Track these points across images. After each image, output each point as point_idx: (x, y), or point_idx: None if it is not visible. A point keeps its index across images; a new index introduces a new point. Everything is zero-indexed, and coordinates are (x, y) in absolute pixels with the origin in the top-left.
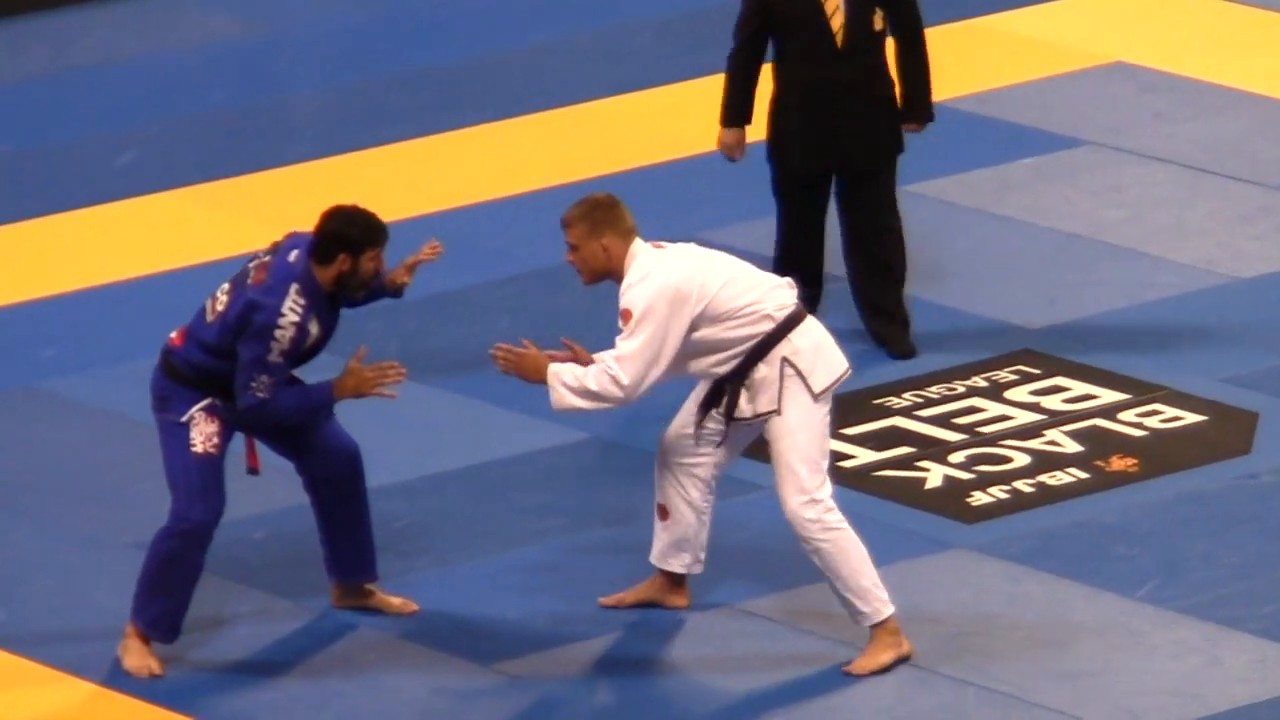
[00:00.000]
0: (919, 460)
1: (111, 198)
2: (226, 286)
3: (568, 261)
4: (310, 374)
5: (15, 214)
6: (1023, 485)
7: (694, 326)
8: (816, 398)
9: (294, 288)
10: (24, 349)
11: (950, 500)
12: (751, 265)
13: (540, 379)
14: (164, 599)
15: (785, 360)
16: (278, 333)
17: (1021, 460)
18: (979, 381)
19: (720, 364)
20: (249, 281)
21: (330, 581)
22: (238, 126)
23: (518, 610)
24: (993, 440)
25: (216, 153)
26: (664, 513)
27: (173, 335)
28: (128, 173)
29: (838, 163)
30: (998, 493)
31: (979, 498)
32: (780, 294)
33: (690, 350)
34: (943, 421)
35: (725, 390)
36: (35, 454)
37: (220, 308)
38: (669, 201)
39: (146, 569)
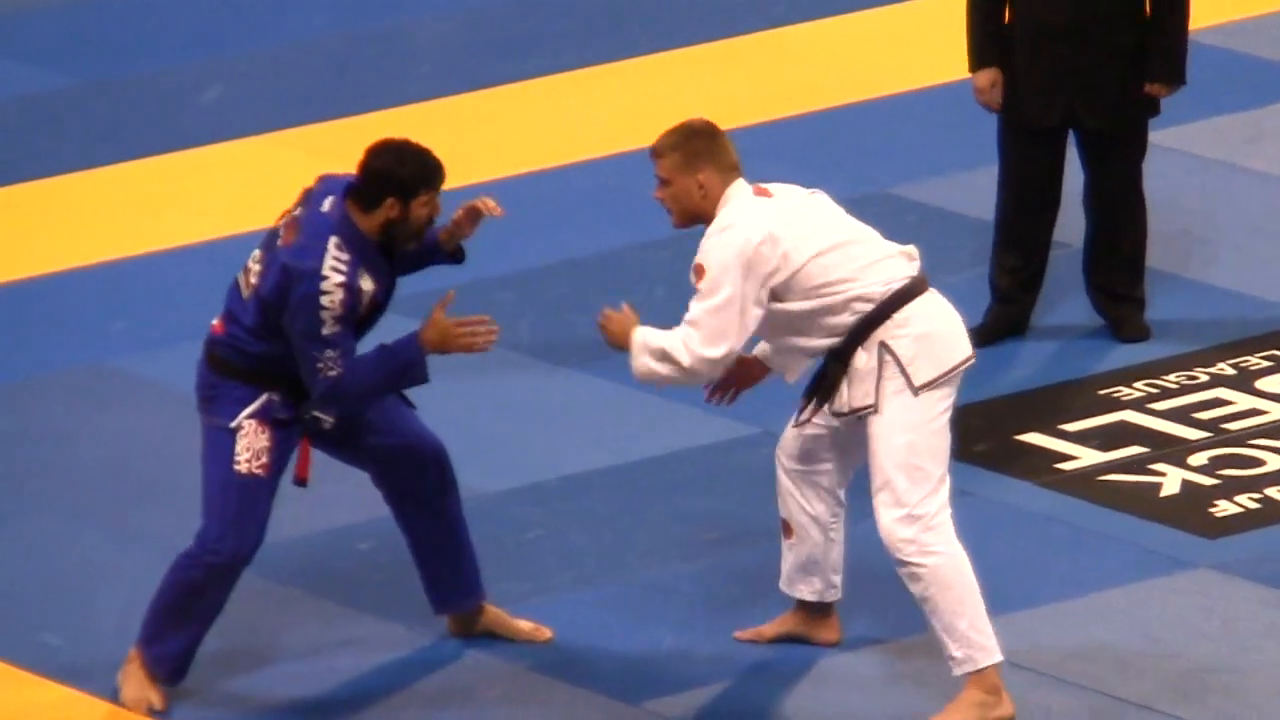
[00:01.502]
0: (1153, 462)
1: (194, 142)
2: (258, 254)
3: (655, 198)
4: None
5: (81, 161)
6: (1277, 493)
7: (776, 296)
8: (919, 391)
9: (332, 242)
10: (92, 320)
11: (1190, 510)
12: (871, 230)
13: (625, 344)
14: (177, 634)
15: (883, 345)
16: (324, 299)
17: (1275, 463)
18: (1225, 369)
19: (813, 346)
20: (279, 243)
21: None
22: (344, 57)
23: (672, 638)
24: (1241, 439)
25: (318, 89)
26: (787, 529)
27: (214, 322)
28: (213, 112)
29: (1069, 117)
30: (1247, 501)
31: (1224, 507)
32: (891, 266)
33: (778, 323)
34: (1181, 416)
35: (828, 375)
36: (104, 446)
37: (254, 280)
38: (861, 149)
39: (162, 595)
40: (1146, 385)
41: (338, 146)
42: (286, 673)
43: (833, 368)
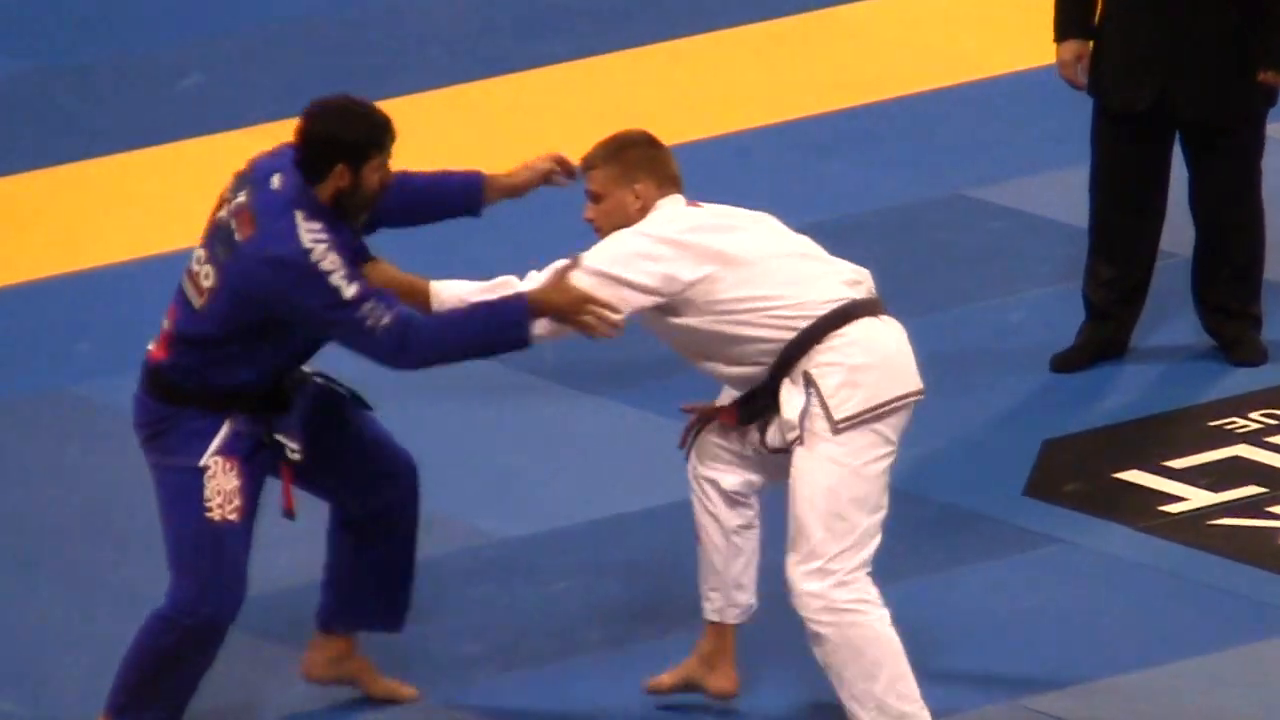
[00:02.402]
0: (1272, 504)
1: (170, 136)
2: (202, 254)
3: (585, 220)
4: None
5: (43, 158)
6: None
7: (675, 310)
8: (840, 428)
9: (298, 215)
10: (54, 341)
11: None
12: (817, 248)
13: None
14: (152, 707)
15: (807, 377)
16: (323, 267)
17: None
18: None
19: (736, 374)
20: (237, 239)
21: (316, 631)
22: (338, 41)
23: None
24: None
25: (309, 76)
26: (697, 534)
27: (150, 347)
28: (192, 101)
29: (1164, 105)
30: None
31: None
32: (827, 286)
33: (694, 346)
34: None
35: (755, 403)
36: (65, 485)
37: (210, 283)
38: (932, 143)
39: (133, 662)
40: (1264, 416)
41: None
42: None
43: (763, 400)
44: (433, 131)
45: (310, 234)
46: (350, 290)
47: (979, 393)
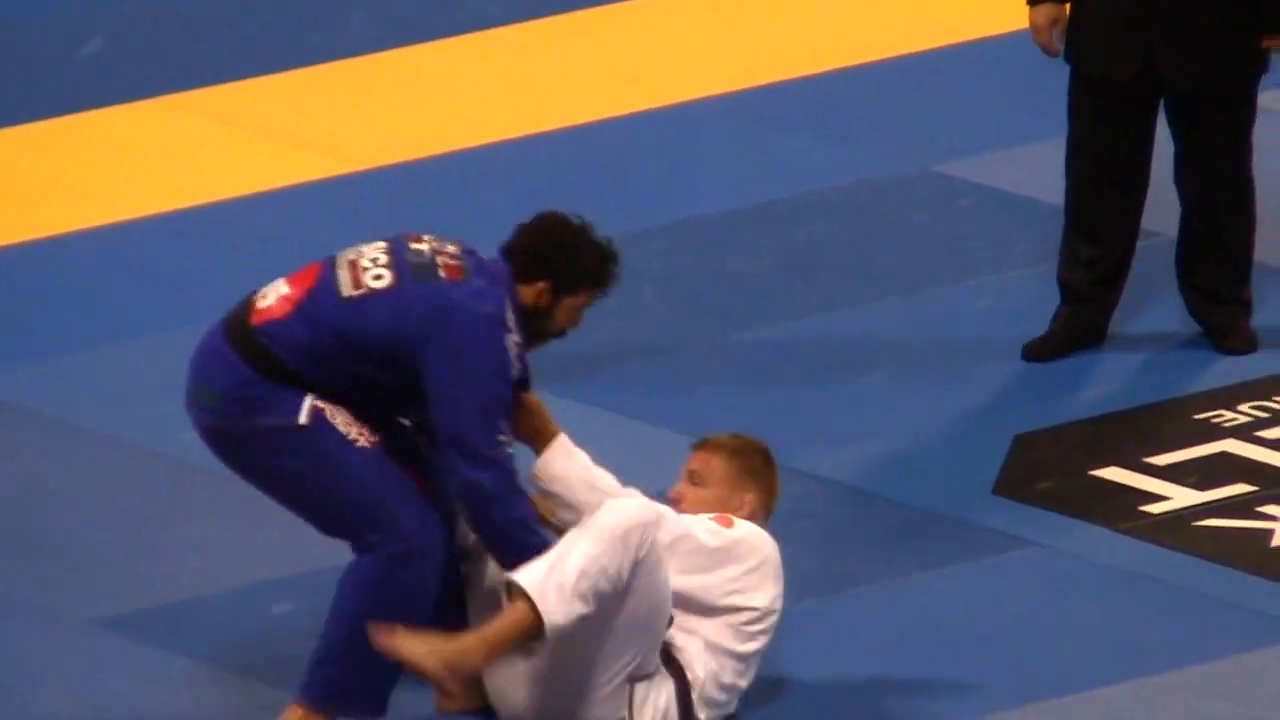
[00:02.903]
0: (1263, 504)
1: (69, 108)
2: (380, 256)
3: (670, 496)
4: None
5: None
6: None
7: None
8: None
9: (507, 299)
10: None
11: None
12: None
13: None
14: (388, 662)
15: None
16: (506, 355)
17: None
18: None
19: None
20: (442, 275)
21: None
22: (253, 4)
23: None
24: None
25: (223, 43)
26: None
27: (261, 302)
28: (94, 70)
29: (1150, 72)
30: None
31: None
32: None
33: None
34: None
35: None
36: None
37: (380, 284)
38: (900, 116)
39: (354, 620)
40: (1254, 408)
41: (247, 113)
42: None
43: None
44: (354, 107)
45: (511, 320)
46: (504, 399)
47: (946, 384)
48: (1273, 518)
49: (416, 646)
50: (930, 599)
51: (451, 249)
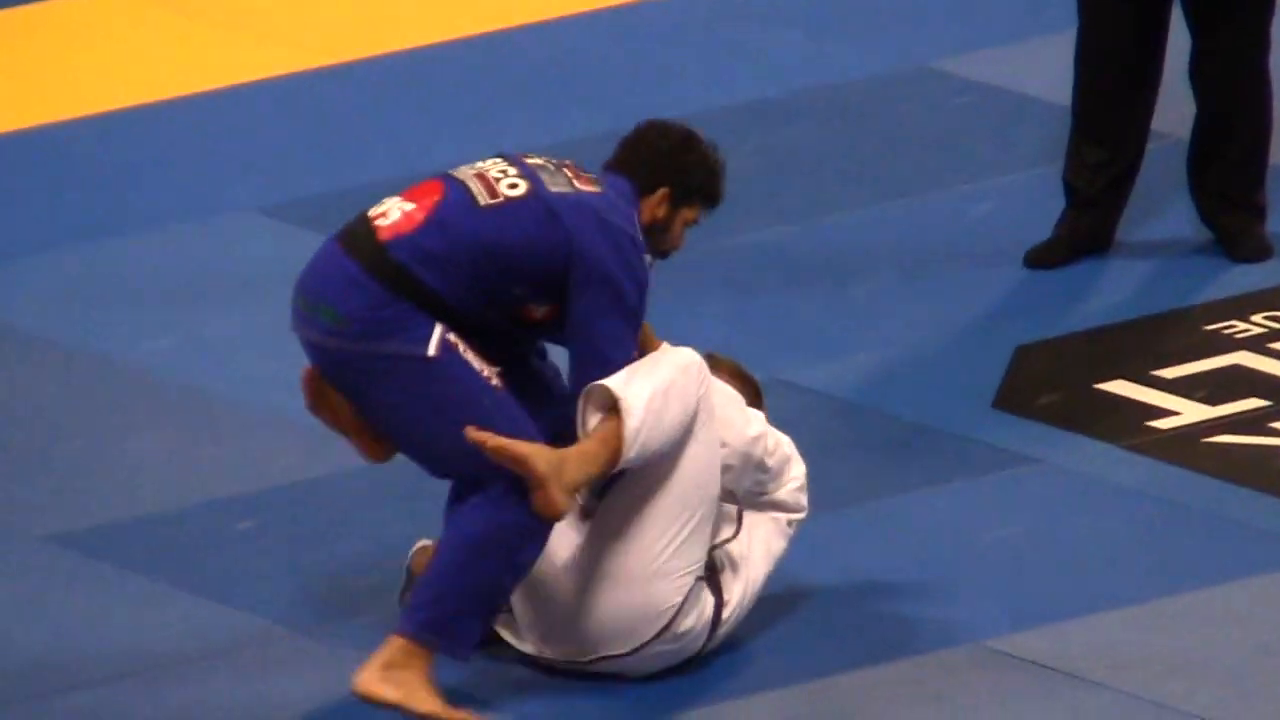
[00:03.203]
0: (1275, 420)
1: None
2: (505, 167)
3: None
4: None
5: None
6: None
7: None
8: None
9: (635, 214)
10: None
11: None
12: None
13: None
14: (490, 604)
15: None
16: (639, 270)
17: None
18: None
19: None
20: (577, 185)
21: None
22: None
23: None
24: None
25: None
26: None
27: (383, 219)
28: None
29: None
30: None
31: None
32: None
33: None
34: None
35: None
36: None
37: (516, 192)
38: (893, 8)
39: (464, 557)
40: (1268, 319)
41: (210, 5)
42: (142, 684)
43: None
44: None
45: (640, 236)
46: (639, 320)
47: (943, 293)
48: None
49: (520, 445)
50: (925, 517)
51: (570, 163)
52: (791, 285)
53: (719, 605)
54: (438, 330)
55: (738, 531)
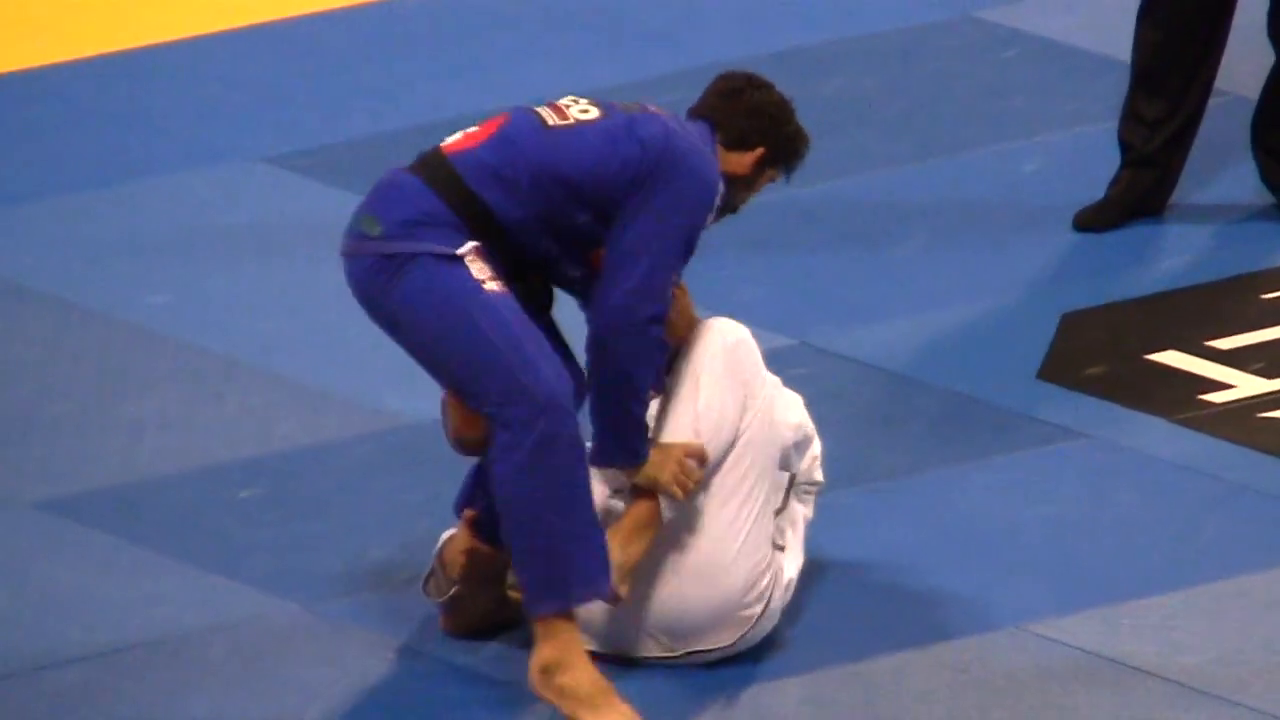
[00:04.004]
0: None
1: None
2: (581, 100)
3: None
4: None
5: None
6: None
7: None
8: None
9: (716, 161)
10: None
11: None
12: None
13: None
14: (577, 531)
15: None
16: (704, 216)
17: None
18: None
19: None
20: (651, 109)
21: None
22: None
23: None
24: None
25: None
26: None
27: (448, 141)
28: None
29: None
30: None
31: None
32: None
33: None
34: None
35: None
36: None
37: (589, 116)
38: None
39: (521, 513)
40: None
41: None
42: (137, 658)
43: None
44: None
45: (719, 183)
46: (680, 266)
47: (987, 256)
48: None
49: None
50: (967, 494)
51: (652, 108)
52: (826, 246)
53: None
54: (469, 242)
55: (786, 499)
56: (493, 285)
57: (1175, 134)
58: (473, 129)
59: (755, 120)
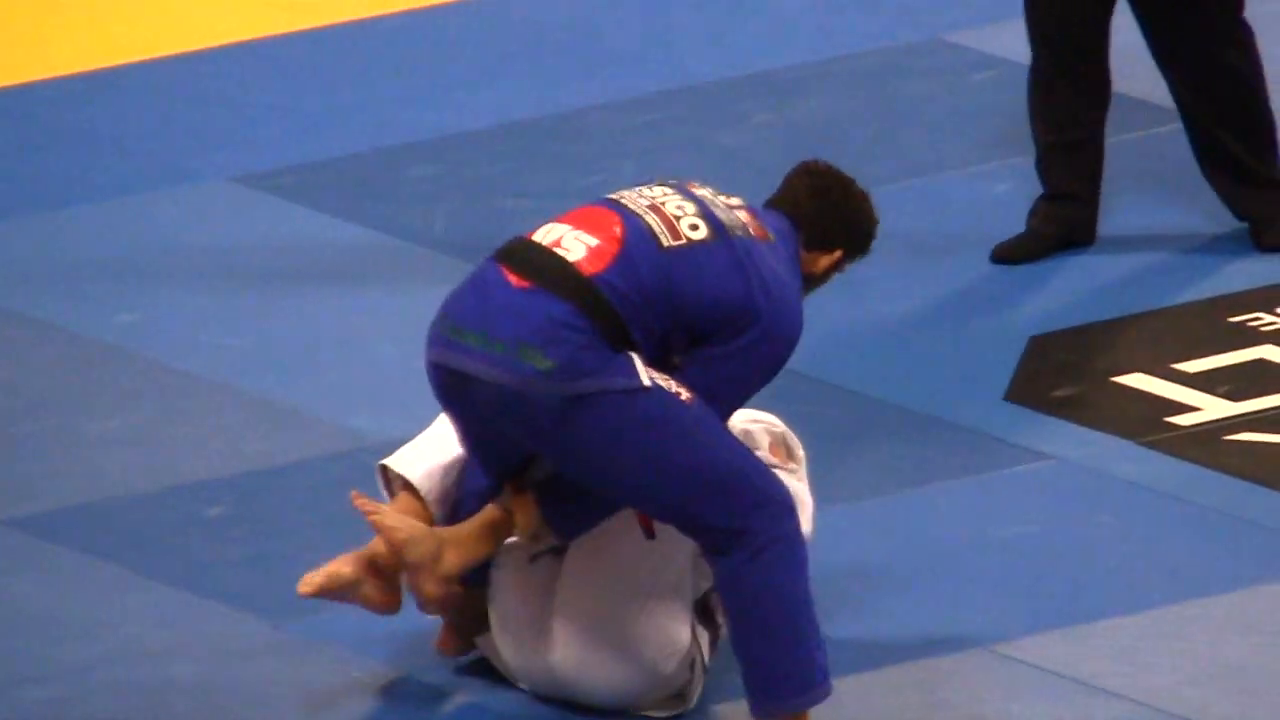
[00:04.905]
0: None
1: None
2: (683, 202)
3: None
4: None
5: None
6: None
7: None
8: None
9: (799, 270)
10: None
11: None
12: None
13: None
14: (813, 627)
15: None
16: (785, 360)
17: None
18: None
19: None
20: (752, 233)
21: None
22: None
23: None
24: None
25: None
26: None
27: (566, 250)
28: None
29: None
30: None
31: None
32: None
33: None
34: None
35: None
36: None
37: (695, 233)
38: None
39: (773, 608)
40: None
41: None
42: (105, 675)
43: None
44: None
45: (799, 335)
46: (749, 391)
47: (955, 277)
48: None
49: (399, 530)
50: (935, 515)
51: (732, 198)
52: None
53: (714, 635)
54: (638, 360)
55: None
56: (686, 394)
57: (1079, 163)
58: (590, 239)
59: (840, 224)
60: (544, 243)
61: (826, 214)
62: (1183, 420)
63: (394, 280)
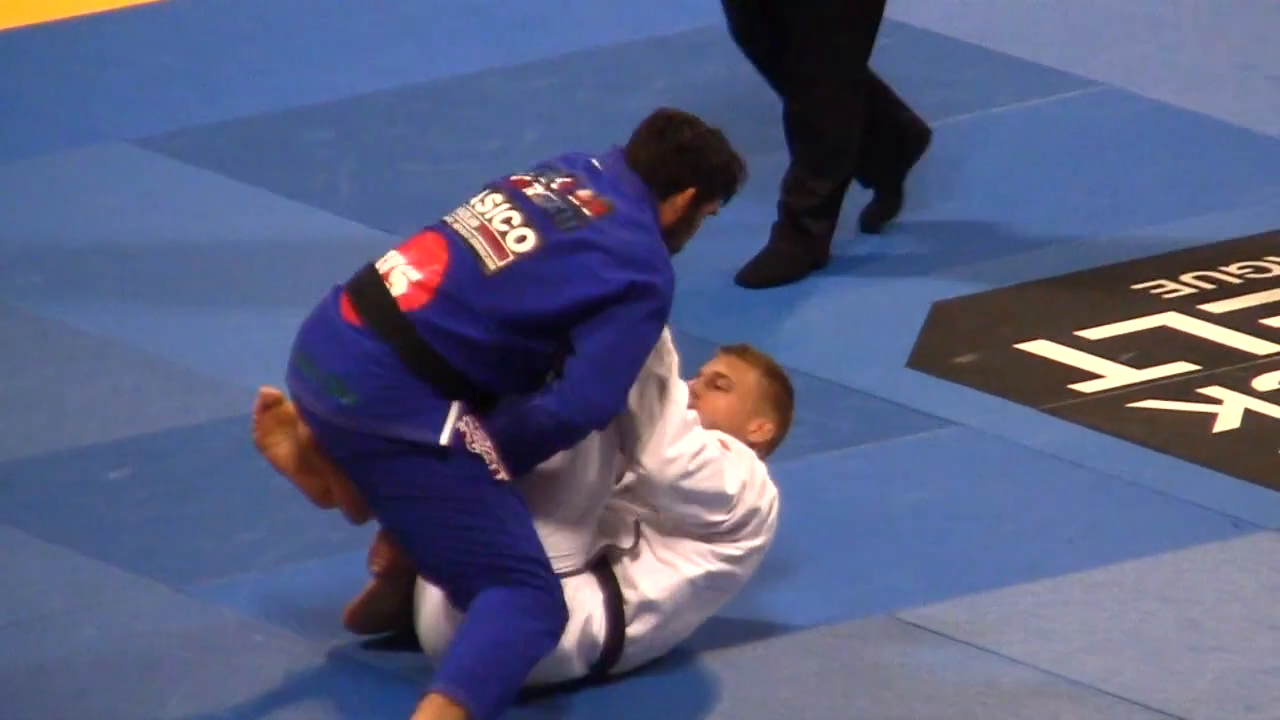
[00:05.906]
0: (1205, 385)
1: None
2: (511, 214)
3: (708, 382)
4: None
5: None
6: None
7: None
8: None
9: (658, 234)
10: None
11: (1255, 452)
12: None
13: None
14: (519, 681)
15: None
16: (667, 309)
17: None
18: None
19: None
20: (588, 214)
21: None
22: None
23: None
24: None
25: None
26: None
27: (401, 288)
28: None
29: None
30: None
31: None
32: None
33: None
34: (1245, 322)
35: None
36: None
37: (522, 245)
38: None
39: (507, 663)
40: (1197, 279)
41: None
42: (4, 638)
43: None
44: None
45: (662, 248)
46: (636, 375)
47: (857, 243)
48: (1214, 400)
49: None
50: (838, 481)
51: (568, 178)
52: (698, 234)
53: (614, 597)
54: (452, 414)
55: (635, 544)
56: (477, 470)
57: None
58: (414, 274)
59: (684, 163)
60: (381, 270)
61: (669, 156)
62: (1086, 387)
63: (298, 244)
